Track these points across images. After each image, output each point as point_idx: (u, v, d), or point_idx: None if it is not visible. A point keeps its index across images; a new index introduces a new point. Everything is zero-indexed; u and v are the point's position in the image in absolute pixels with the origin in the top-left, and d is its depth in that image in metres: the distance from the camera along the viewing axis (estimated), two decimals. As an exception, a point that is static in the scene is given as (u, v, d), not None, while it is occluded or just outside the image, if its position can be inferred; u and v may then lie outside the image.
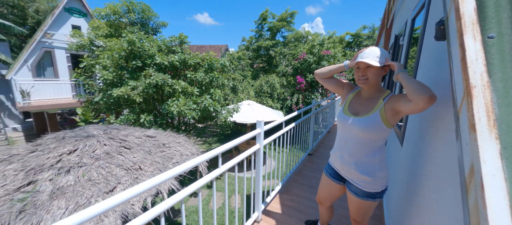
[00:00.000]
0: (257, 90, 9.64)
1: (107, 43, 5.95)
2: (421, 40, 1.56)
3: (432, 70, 1.24)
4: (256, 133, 1.76)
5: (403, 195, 1.54)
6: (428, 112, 1.17)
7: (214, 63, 5.87)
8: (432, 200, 0.99)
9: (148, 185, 0.96)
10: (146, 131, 3.79)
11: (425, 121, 1.23)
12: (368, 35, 16.06)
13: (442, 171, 0.91)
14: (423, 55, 1.50)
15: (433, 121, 1.11)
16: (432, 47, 1.31)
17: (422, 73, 1.49)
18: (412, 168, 1.38)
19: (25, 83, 8.21)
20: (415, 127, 1.42)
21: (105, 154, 2.74)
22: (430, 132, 1.14)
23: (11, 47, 13.82)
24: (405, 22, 2.63)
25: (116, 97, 4.79)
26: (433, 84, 1.18)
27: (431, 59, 1.30)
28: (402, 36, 2.61)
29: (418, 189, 1.20)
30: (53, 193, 2.14)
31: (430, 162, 1.06)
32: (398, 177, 1.78)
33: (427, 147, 1.13)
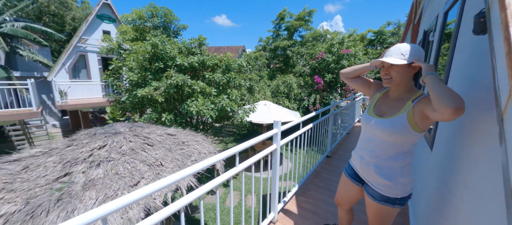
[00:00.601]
0: (273, 90, 9.60)
1: (133, 46, 6.35)
2: (455, 36, 1.43)
3: (469, 68, 1.12)
4: (273, 133, 1.75)
5: (434, 205, 1.42)
6: (465, 114, 1.06)
7: (231, 64, 5.97)
8: (470, 212, 0.89)
9: (169, 181, 1.00)
10: (167, 129, 3.98)
11: (460, 124, 1.12)
12: (393, 32, 15.11)
13: (482, 180, 0.82)
14: (458, 52, 1.37)
15: (471, 124, 1.01)
16: (468, 42, 1.19)
17: (455, 72, 1.36)
18: (444, 175, 1.27)
19: (62, 84, 9.09)
20: (448, 130, 1.31)
21: (130, 150, 2.93)
22: (466, 136, 1.04)
23: (52, 51, 15.40)
24: (436, 16, 2.43)
25: (140, 97, 5.09)
26: (470, 83, 1.08)
27: (467, 56, 1.18)
28: (432, 31, 2.42)
29: (452, 198, 1.10)
30: (85, 184, 2.34)
31: (467, 170, 0.97)
32: (427, 184, 1.65)
33: (463, 153, 1.03)
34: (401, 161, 1.11)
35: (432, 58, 2.16)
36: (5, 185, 2.26)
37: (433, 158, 1.55)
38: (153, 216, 0.94)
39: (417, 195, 1.96)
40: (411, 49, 1.05)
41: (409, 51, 1.05)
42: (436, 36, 2.20)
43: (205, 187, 1.18)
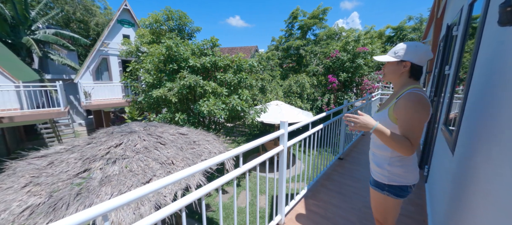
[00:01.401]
0: (286, 90, 9.48)
1: (150, 49, 6.62)
2: (481, 29, 1.29)
3: (495, 64, 1.01)
4: (280, 134, 1.71)
5: (453, 212, 1.30)
6: (492, 115, 0.96)
7: (242, 64, 5.99)
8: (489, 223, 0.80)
9: (174, 178, 1.01)
10: (179, 128, 4.08)
11: (488, 126, 1.01)
12: (414, 27, 14.20)
13: (506, 191, 0.72)
14: (483, 47, 1.24)
15: (502, 127, 0.90)
16: (495, 36, 1.07)
17: (480, 69, 1.23)
18: (467, 182, 1.15)
19: (87, 86, 9.73)
20: (473, 132, 1.18)
21: (144, 149, 3.04)
22: (496, 140, 0.93)
23: (79, 55, 16.59)
24: (460, 8, 2.23)
25: (155, 97, 5.29)
26: (496, 81, 0.96)
27: (493, 51, 1.06)
28: (456, 25, 2.23)
29: (471, 207, 0.99)
30: (102, 180, 2.47)
31: (489, 178, 0.86)
32: (447, 189, 1.51)
33: (490, 160, 0.92)
34: (390, 151, 1.18)
35: (456, 53, 1.98)
36: (32, 179, 2.46)
37: (454, 163, 1.42)
38: (161, 210, 0.95)
39: (436, 199, 1.81)
40: (403, 49, 1.12)
41: (401, 50, 1.13)
42: (460, 30, 2.03)
43: (209, 186, 1.18)
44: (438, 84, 2.87)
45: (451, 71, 2.21)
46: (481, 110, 1.08)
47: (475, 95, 1.24)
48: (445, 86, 2.34)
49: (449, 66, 2.29)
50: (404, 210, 2.21)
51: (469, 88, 1.37)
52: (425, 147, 3.09)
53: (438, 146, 2.20)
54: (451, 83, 1.98)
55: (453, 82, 1.93)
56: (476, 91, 1.23)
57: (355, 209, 2.22)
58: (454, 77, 1.92)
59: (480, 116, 1.09)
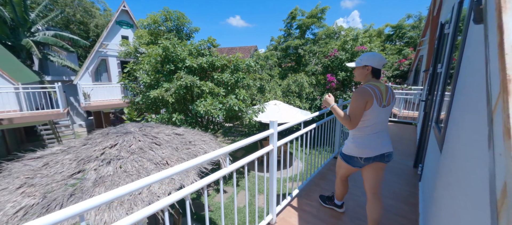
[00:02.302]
0: (284, 90, 9.48)
1: (148, 49, 6.64)
2: (466, 27, 1.29)
3: (476, 62, 1.01)
4: (269, 134, 1.71)
5: (441, 211, 1.30)
6: (472, 112, 0.96)
7: (239, 64, 5.99)
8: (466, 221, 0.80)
9: (152, 179, 1.01)
10: (175, 129, 4.09)
11: (465, 125, 1.01)
12: (413, 25, 14.13)
13: (477, 189, 0.72)
14: (468, 45, 1.24)
15: (476, 124, 0.90)
16: (477, 34, 1.06)
17: (466, 67, 1.23)
18: (450, 181, 1.15)
19: (86, 87, 9.78)
20: (456, 130, 1.18)
21: (139, 149, 3.06)
22: (471, 138, 0.93)
23: (78, 57, 16.67)
24: (452, 7, 2.22)
25: (152, 98, 5.30)
26: (476, 79, 0.96)
27: (475, 50, 1.06)
28: (448, 23, 2.22)
29: (454, 205, 0.99)
30: (96, 181, 2.49)
31: (465, 177, 0.86)
32: (436, 188, 1.51)
33: (464, 157, 0.92)
34: (353, 131, 1.65)
35: (447, 51, 1.98)
36: (27, 180, 2.48)
37: (442, 160, 1.42)
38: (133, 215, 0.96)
39: (426, 197, 1.81)
40: (365, 57, 1.58)
41: (364, 58, 1.58)
42: (451, 29, 2.02)
43: (192, 187, 1.19)
44: (432, 82, 2.86)
45: (442, 69, 2.21)
46: (463, 108, 1.08)
47: (459, 93, 1.24)
48: (437, 84, 2.33)
49: (441, 64, 2.28)
50: (398, 210, 2.21)
51: (456, 86, 1.37)
52: (419, 145, 3.08)
53: (430, 144, 2.20)
54: (442, 81, 1.97)
55: (444, 80, 1.92)
56: (461, 89, 1.23)
57: (348, 209, 2.22)
58: (445, 75, 1.91)
59: (461, 114, 1.09)
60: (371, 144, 1.56)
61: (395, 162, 3.39)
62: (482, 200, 0.69)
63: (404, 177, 2.89)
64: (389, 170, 3.10)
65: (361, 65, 1.60)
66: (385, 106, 1.53)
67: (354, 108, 1.49)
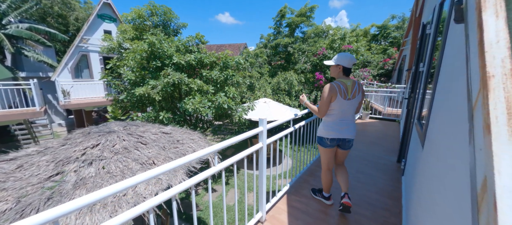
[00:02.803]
0: (274, 88, 9.51)
1: (132, 45, 6.37)
2: (447, 27, 1.34)
3: (456, 60, 1.05)
4: (258, 131, 1.70)
5: (423, 207, 1.36)
6: (452, 109, 1.00)
7: (229, 61, 5.92)
8: (446, 217, 0.83)
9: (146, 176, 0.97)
10: (162, 127, 3.97)
11: (447, 120, 1.05)
12: (397, 25, 14.71)
13: (456, 183, 0.75)
14: (449, 45, 1.29)
15: (455, 121, 0.94)
16: (457, 34, 1.11)
17: (446, 66, 1.28)
18: (430, 175, 1.20)
19: (65, 84, 9.24)
20: (437, 126, 1.23)
21: (123, 149, 2.93)
22: (452, 133, 0.97)
23: (57, 52, 15.69)
24: (433, 8, 2.32)
25: (138, 95, 5.11)
26: (456, 77, 1.00)
27: (455, 49, 1.10)
28: (429, 24, 2.31)
29: (434, 200, 1.03)
30: (76, 183, 2.35)
31: (447, 171, 0.90)
32: (417, 184, 1.57)
33: (444, 152, 0.96)
34: (324, 118, 2.02)
35: (428, 51, 2.06)
36: (-2, 184, 2.29)
37: (423, 156, 1.48)
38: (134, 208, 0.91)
39: (409, 191, 1.89)
40: (338, 57, 1.90)
41: (337, 58, 1.90)
42: (432, 29, 2.10)
43: (179, 187, 1.15)
44: (414, 81, 2.98)
45: (424, 68, 2.30)
46: (443, 106, 1.12)
47: (440, 91, 1.29)
48: (420, 83, 2.43)
49: (423, 63, 2.38)
50: (380, 203, 2.29)
51: (437, 84, 1.42)
52: (402, 141, 3.21)
53: (413, 140, 2.29)
54: (424, 80, 2.06)
55: (425, 79, 2.00)
56: (441, 87, 1.28)
57: (336, 204, 2.27)
58: (427, 74, 1.99)
59: (442, 111, 1.13)
60: (335, 128, 1.95)
61: (380, 158, 3.52)
62: (462, 194, 0.72)
63: (388, 172, 3.01)
64: (374, 166, 3.21)
65: (335, 64, 1.92)
66: (350, 99, 1.86)
67: (322, 100, 1.90)
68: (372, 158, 3.48)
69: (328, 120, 1.97)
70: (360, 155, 3.57)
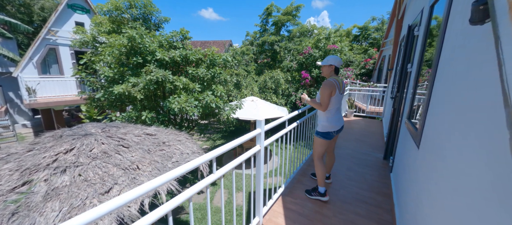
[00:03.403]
0: (261, 86, 9.45)
1: (109, 39, 5.88)
2: (444, 29, 1.36)
3: (459, 64, 1.05)
4: (256, 134, 1.61)
5: (421, 204, 1.38)
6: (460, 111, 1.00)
7: (216, 59, 5.73)
8: (456, 216, 0.82)
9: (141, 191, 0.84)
10: (146, 128, 3.71)
11: (453, 122, 1.05)
12: (377, 27, 15.46)
13: (475, 185, 0.74)
14: (446, 48, 1.31)
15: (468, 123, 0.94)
16: (458, 36, 1.12)
17: (443, 68, 1.30)
18: (433, 175, 1.20)
19: (30, 80, 8.30)
20: (438, 127, 1.24)
21: (102, 153, 2.67)
22: (462, 136, 0.97)
23: (19, 44, 14.07)
24: (421, 10, 2.39)
25: (117, 94, 4.73)
26: (461, 81, 1.00)
27: (457, 52, 1.11)
28: (417, 26, 2.39)
29: (440, 199, 1.03)
30: (47, 194, 2.08)
31: (459, 172, 0.89)
32: (413, 182, 1.60)
33: (454, 154, 0.95)
34: (322, 113, 2.22)
35: (418, 51, 2.12)
36: None
37: (420, 157, 1.50)
38: None
39: (402, 189, 1.93)
40: (330, 58, 2.17)
41: (330, 59, 2.17)
42: (421, 30, 2.17)
43: (177, 199, 1.03)
44: (400, 81, 3.10)
45: (413, 68, 2.38)
46: (449, 110, 1.12)
47: (439, 92, 1.31)
48: (408, 83, 2.51)
49: (411, 64, 2.46)
50: (371, 200, 2.34)
51: (433, 85, 1.45)
52: (388, 139, 3.33)
53: (402, 138, 2.36)
54: (414, 80, 2.11)
55: (416, 79, 2.06)
56: (441, 88, 1.29)
57: (330, 203, 2.27)
58: (417, 74, 2.05)
59: (448, 115, 1.14)
60: (337, 120, 2.22)
61: (367, 154, 3.63)
62: (476, 198, 0.70)
63: (376, 169, 3.10)
64: (362, 162, 3.30)
65: (327, 64, 2.18)
66: (342, 93, 2.21)
67: (324, 96, 2.10)
68: (359, 155, 3.57)
69: (330, 115, 2.19)
70: (349, 153, 3.65)
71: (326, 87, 2.08)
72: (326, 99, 2.09)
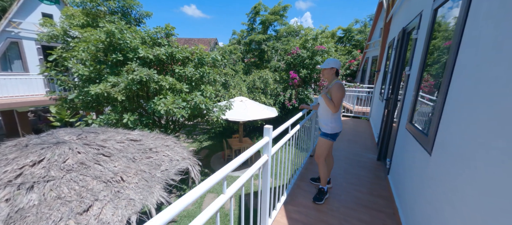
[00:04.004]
0: (249, 86, 9.29)
1: (83, 33, 5.30)
2: (460, 32, 1.31)
3: (485, 67, 0.99)
4: (264, 143, 1.46)
5: (435, 213, 1.33)
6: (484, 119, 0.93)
7: (204, 57, 5.45)
8: None
9: None
10: (129, 133, 3.37)
11: (484, 130, 0.99)
12: (360, 30, 16.06)
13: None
14: (465, 51, 1.26)
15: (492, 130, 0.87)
16: (480, 39, 1.07)
17: (461, 71, 1.25)
18: (452, 183, 1.15)
19: (-13, 78, 7.29)
20: (461, 136, 1.19)
21: (79, 165, 2.33)
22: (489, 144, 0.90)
23: (-28, 37, 12.33)
24: (419, 13, 2.41)
25: (94, 94, 4.26)
26: (485, 84, 0.94)
27: (480, 54, 1.06)
28: (415, 29, 2.39)
29: (463, 208, 0.97)
30: (9, 217, 1.73)
31: (492, 185, 0.82)
32: (424, 190, 1.56)
33: (485, 165, 0.89)
34: (330, 115, 2.24)
35: (420, 55, 2.11)
36: None
37: (433, 163, 1.45)
38: None
39: (408, 196, 1.91)
40: (332, 62, 2.22)
41: (332, 62, 2.22)
42: (422, 34, 2.16)
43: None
44: (395, 83, 3.13)
45: (412, 71, 2.38)
46: (474, 114, 1.06)
47: (458, 99, 1.26)
48: (406, 85, 2.52)
49: (410, 67, 2.47)
50: (373, 204, 2.31)
51: (448, 90, 1.40)
52: (382, 141, 3.37)
53: (402, 141, 2.36)
54: (416, 83, 2.10)
55: (418, 82, 2.05)
56: (459, 94, 1.24)
57: (333, 210, 2.19)
58: (419, 77, 2.03)
59: (471, 121, 1.08)
60: (341, 121, 2.33)
61: (360, 155, 3.65)
62: None
63: (371, 170, 3.11)
64: (357, 164, 3.30)
65: (329, 67, 2.22)
66: None
67: (340, 97, 2.14)
68: (353, 157, 3.58)
69: (337, 116, 2.26)
70: (344, 154, 3.64)
71: (341, 89, 2.14)
72: (341, 100, 2.16)
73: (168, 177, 2.73)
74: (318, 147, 2.31)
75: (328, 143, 2.26)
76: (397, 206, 2.15)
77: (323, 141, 2.27)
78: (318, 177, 2.70)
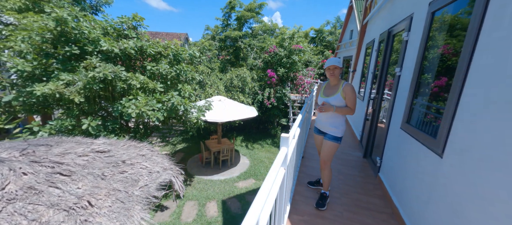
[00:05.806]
0: (226, 85, 8.91)
1: (22, 20, 4.26)
2: (476, 35, 1.31)
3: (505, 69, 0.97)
4: (283, 155, 1.25)
5: (448, 218, 1.32)
6: None
7: (181, 54, 4.93)
8: None
9: None
10: (93, 142, 2.79)
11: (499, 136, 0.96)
12: (330, 31, 16.96)
13: None
14: (482, 53, 1.26)
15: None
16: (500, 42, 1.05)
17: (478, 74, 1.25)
18: (469, 192, 1.12)
19: None
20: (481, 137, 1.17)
21: (25, 190, 1.76)
22: None
23: None
24: (408, 16, 2.48)
25: (41, 95, 3.43)
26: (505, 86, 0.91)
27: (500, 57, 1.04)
28: (406, 31, 2.46)
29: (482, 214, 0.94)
30: None
31: None
32: (435, 194, 1.56)
33: None
34: (341, 117, 2.16)
35: (415, 56, 2.16)
36: None
37: (447, 166, 1.45)
38: None
39: (410, 197, 1.93)
40: (338, 60, 2.13)
41: (339, 61, 2.12)
42: (416, 36, 2.22)
43: None
44: (380, 83, 3.24)
45: (404, 72, 2.45)
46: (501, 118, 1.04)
47: (477, 102, 1.25)
48: (396, 86, 2.59)
49: (400, 67, 2.54)
50: (371, 205, 2.32)
51: (461, 93, 1.40)
52: (368, 139, 3.48)
53: (396, 142, 2.41)
54: (411, 84, 2.15)
55: (415, 84, 2.09)
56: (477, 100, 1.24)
57: (338, 216, 2.12)
58: (417, 78, 2.07)
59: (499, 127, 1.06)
60: None
61: (347, 154, 3.74)
62: None
63: (361, 169, 3.18)
64: (347, 163, 3.35)
65: (340, 65, 2.16)
66: None
67: (355, 98, 2.08)
68: (342, 155, 3.64)
69: (345, 118, 2.25)
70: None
71: (354, 90, 2.07)
72: (356, 102, 2.10)
73: (149, 194, 2.31)
74: (327, 152, 2.18)
75: (337, 147, 2.17)
76: (396, 206, 2.18)
77: (333, 145, 2.16)
78: (315, 181, 2.62)
